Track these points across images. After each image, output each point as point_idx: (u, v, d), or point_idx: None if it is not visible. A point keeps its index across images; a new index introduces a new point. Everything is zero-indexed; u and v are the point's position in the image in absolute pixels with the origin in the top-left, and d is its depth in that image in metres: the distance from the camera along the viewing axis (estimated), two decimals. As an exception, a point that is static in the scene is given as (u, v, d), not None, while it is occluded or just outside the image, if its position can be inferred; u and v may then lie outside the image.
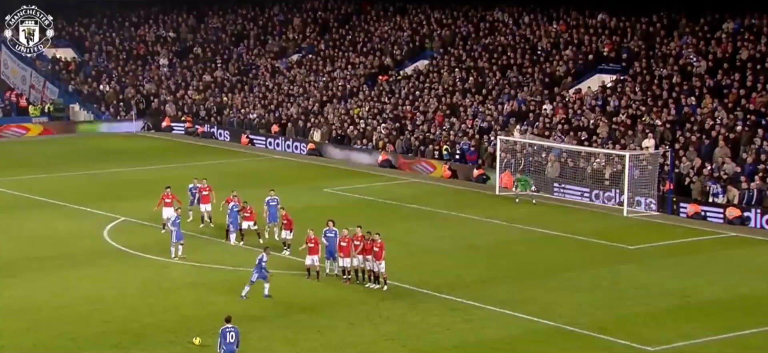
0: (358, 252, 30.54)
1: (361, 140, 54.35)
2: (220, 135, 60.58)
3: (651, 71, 50.05)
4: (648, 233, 38.77)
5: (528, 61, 55.46)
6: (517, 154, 46.45)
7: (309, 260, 30.81)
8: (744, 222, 39.58)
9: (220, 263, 32.84)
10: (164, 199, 36.01)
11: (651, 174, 42.14)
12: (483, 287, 30.78)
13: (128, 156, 54.74)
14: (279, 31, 70.10)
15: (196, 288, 30.39)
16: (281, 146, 57.28)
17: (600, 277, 32.28)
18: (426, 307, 28.81)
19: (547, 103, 51.22)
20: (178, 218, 33.58)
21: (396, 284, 30.81)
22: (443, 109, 54.16)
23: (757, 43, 48.71)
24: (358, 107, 57.51)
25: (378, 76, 60.59)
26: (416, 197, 43.38)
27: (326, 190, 44.69)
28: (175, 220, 33.48)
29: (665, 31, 52.75)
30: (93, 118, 64.36)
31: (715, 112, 45.03)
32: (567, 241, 37.26)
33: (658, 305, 29.50)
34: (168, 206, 35.82)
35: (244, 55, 68.88)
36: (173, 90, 66.06)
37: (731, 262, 34.74)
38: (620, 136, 46.06)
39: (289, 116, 59.07)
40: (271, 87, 63.43)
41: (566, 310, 28.78)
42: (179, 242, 33.32)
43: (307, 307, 28.85)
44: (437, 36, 61.76)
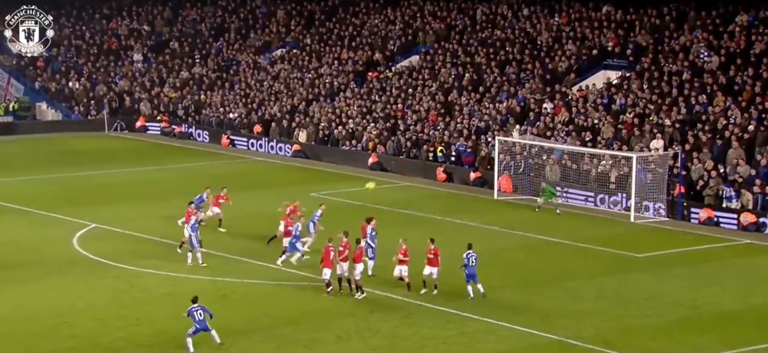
0: (341, 260, 30.52)
1: (349, 140, 54.37)
2: (198, 136, 60.53)
3: (659, 67, 50.17)
4: (657, 240, 38.84)
5: (528, 56, 55.55)
6: (517, 156, 46.51)
7: (327, 273, 30.55)
8: (759, 228, 39.69)
9: (197, 273, 32.76)
10: (190, 215, 35.01)
11: (660, 177, 42.22)
12: (477, 299, 30.73)
13: (99, 158, 54.64)
14: (261, 25, 70.09)
15: (172, 299, 30.30)
16: (264, 147, 57.24)
17: (605, 287, 32.33)
18: (419, 319, 28.79)
19: (548, 101, 51.30)
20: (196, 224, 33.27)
21: (387, 295, 30.80)
22: (437, 108, 54.21)
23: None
24: (346, 106, 57.52)
25: (367, 72, 60.61)
26: (409, 202, 43.40)
27: (313, 194, 44.67)
28: (194, 225, 33.23)
29: (674, 25, 52.89)
30: (61, 117, 64.22)
31: (728, 111, 45.15)
32: (570, 248, 37.30)
33: (667, 316, 29.54)
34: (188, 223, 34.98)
35: (224, 50, 68.84)
36: (148, 87, 65.99)
37: (745, 271, 34.82)
38: (627, 136, 46.14)
39: (273, 115, 59.05)
40: (253, 84, 63.41)
41: (569, 322, 28.80)
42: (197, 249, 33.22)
43: (293, 319, 28.82)
44: (431, 29, 61.81)
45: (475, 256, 30.59)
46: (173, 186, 47.74)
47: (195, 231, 33.42)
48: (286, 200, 36.50)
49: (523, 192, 45.68)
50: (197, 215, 33.95)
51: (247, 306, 29.87)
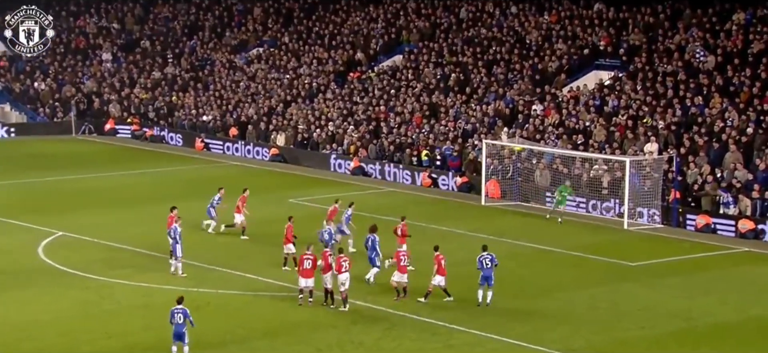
0: (323, 272, 30.50)
1: (330, 144, 54.36)
2: (171, 139, 60.41)
3: (653, 68, 50.37)
4: (651, 248, 38.96)
5: (516, 56, 55.68)
6: (505, 160, 46.60)
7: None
8: (758, 236, 39.88)
9: (169, 284, 32.68)
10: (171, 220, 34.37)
11: (654, 182, 42.38)
12: (466, 308, 30.78)
13: (66, 163, 54.43)
14: (237, 23, 70.01)
15: (144, 311, 30.20)
16: (240, 151, 57.16)
17: (597, 297, 32.40)
18: (402, 331, 28.79)
19: (537, 103, 51.42)
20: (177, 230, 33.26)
21: (370, 306, 30.79)
22: (422, 110, 54.26)
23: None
24: (326, 108, 57.51)
25: (348, 72, 60.62)
26: (392, 208, 43.38)
27: (291, 200, 44.60)
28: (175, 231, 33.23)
29: (669, 23, 53.12)
30: (26, 119, 63.94)
31: (725, 113, 45.37)
32: (560, 257, 37.38)
33: (662, 328, 29.63)
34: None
35: (197, 49, 68.72)
36: (118, 88, 65.81)
37: (744, 280, 34.98)
38: (620, 139, 46.30)
39: (249, 117, 58.99)
40: (228, 85, 63.32)
41: (559, 334, 28.85)
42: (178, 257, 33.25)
43: (270, 331, 28.77)
44: (414, 28, 61.89)
45: (490, 257, 30.77)
46: (145, 192, 47.62)
47: (178, 240, 33.25)
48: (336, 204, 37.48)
49: (512, 198, 45.78)
50: (179, 222, 33.78)
51: (222, 318, 29.80)
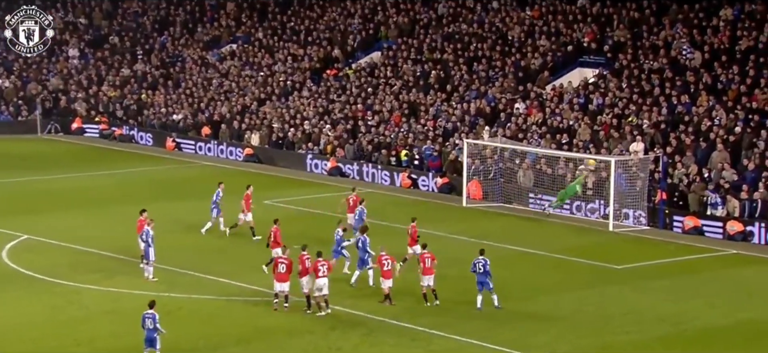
0: (300, 275, 30.34)
1: (306, 144, 54.18)
2: (141, 138, 60.12)
3: (639, 65, 50.46)
4: (637, 250, 39.01)
5: (498, 53, 55.67)
6: (488, 160, 46.55)
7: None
8: (746, 238, 39.96)
9: (139, 288, 32.45)
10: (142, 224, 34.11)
11: (640, 183, 42.40)
12: (447, 313, 30.71)
13: (32, 163, 54.05)
14: (210, 18, 69.73)
15: (113, 317, 30.00)
16: (213, 150, 56.91)
17: (582, 301, 32.39)
18: (381, 337, 28.70)
19: (520, 101, 51.42)
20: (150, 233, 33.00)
21: (347, 310, 30.65)
22: (401, 108, 54.15)
23: (758, 32, 49.29)
24: (302, 106, 57.32)
25: (325, 70, 60.46)
26: (370, 210, 43.15)
27: (266, 202, 44.43)
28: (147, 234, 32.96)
29: (654, 19, 53.21)
30: (-10, 118, 63.53)
31: (713, 111, 45.48)
32: (544, 260, 37.37)
33: (649, 333, 29.63)
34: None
35: (168, 45, 68.40)
36: (85, 86, 65.42)
37: (732, 283, 35.07)
38: (605, 139, 46.32)
39: (222, 116, 58.73)
40: (200, 83, 63.04)
41: (544, 339, 28.81)
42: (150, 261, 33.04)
43: (244, 338, 28.61)
44: (393, 24, 61.78)
45: (483, 261, 30.83)
46: (113, 193, 47.34)
47: (150, 243, 33.00)
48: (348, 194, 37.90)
49: (494, 199, 45.73)
50: (151, 225, 33.49)
51: (194, 323, 29.61)
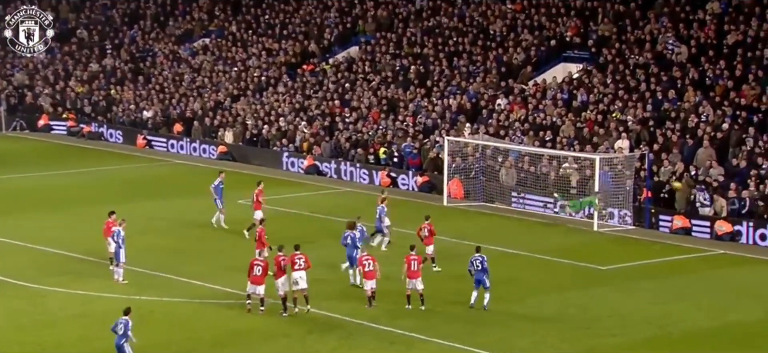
0: (276, 277, 30.39)
1: (281, 141, 54.17)
2: (110, 136, 59.94)
3: (624, 59, 50.68)
4: (622, 250, 39.20)
5: (479, 47, 55.80)
6: (469, 157, 46.67)
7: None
8: (734, 237, 40.19)
9: (108, 291, 32.40)
10: (110, 226, 33.81)
11: (625, 181, 42.59)
12: (428, 316, 30.79)
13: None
14: (181, 11, 69.57)
15: (81, 321, 29.93)
16: (186, 148, 56.81)
17: (566, 303, 32.53)
18: (360, 341, 28.75)
19: (502, 97, 51.57)
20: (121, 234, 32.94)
21: (325, 313, 30.70)
22: (379, 104, 54.21)
23: (746, 26, 49.58)
24: (277, 102, 57.30)
25: (301, 65, 60.44)
26: (348, 210, 43.24)
27: (240, 202, 44.39)
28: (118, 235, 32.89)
29: (639, 12, 53.43)
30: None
31: (700, 107, 45.74)
32: (527, 260, 37.50)
33: (635, 335, 29.79)
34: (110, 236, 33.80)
35: (138, 39, 68.21)
36: (52, 81, 65.16)
37: (720, 285, 35.28)
38: (589, 136, 46.52)
39: (195, 112, 58.63)
40: (171, 78, 62.91)
41: (527, 342, 28.93)
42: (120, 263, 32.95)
43: (218, 342, 28.62)
44: (371, 17, 61.83)
45: (481, 259, 31.10)
46: (81, 193, 47.20)
47: (121, 244, 32.95)
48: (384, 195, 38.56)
49: (476, 198, 45.85)
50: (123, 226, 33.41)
51: (166, 327, 29.60)
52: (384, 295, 31.45)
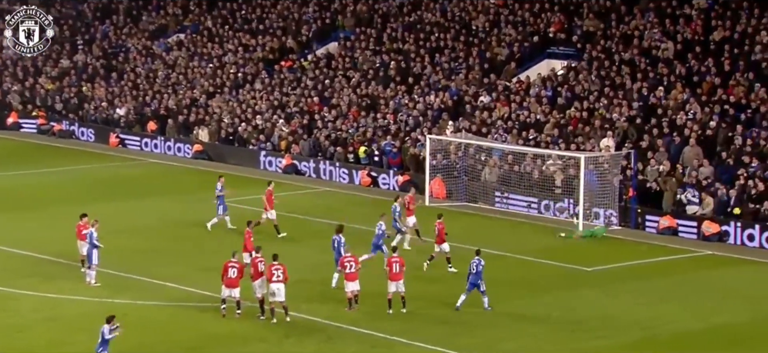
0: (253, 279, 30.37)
1: (256, 138, 54.08)
2: (82, 134, 59.75)
3: (609, 56, 50.79)
4: (608, 251, 39.29)
5: (461, 43, 55.84)
6: (451, 156, 46.70)
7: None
8: (722, 238, 40.33)
9: (79, 294, 32.29)
10: (81, 229, 33.93)
11: (611, 180, 42.69)
12: (410, 319, 30.81)
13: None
14: (155, 6, 69.38)
15: (51, 325, 29.83)
16: (160, 147, 56.67)
17: (551, 305, 32.59)
18: (340, 345, 28.74)
19: (485, 94, 51.62)
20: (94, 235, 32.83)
21: (304, 316, 30.68)
22: (359, 102, 54.19)
23: (734, 21, 49.76)
24: (254, 99, 57.20)
25: (278, 61, 60.36)
26: (329, 210, 43.32)
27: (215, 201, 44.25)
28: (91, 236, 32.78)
29: (625, 8, 53.54)
30: None
31: (687, 105, 45.89)
32: (511, 262, 37.56)
33: (621, 338, 29.88)
34: (82, 239, 33.94)
35: (110, 34, 67.98)
36: (21, 78, 64.89)
37: (707, 286, 35.41)
38: (573, 134, 46.61)
39: (169, 110, 58.49)
40: (145, 74, 62.73)
41: (511, 346, 28.99)
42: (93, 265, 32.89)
43: (193, 346, 28.59)
44: (351, 13, 61.80)
45: (477, 262, 31.27)
46: (52, 193, 47.07)
47: (95, 246, 32.82)
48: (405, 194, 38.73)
49: (458, 198, 45.88)
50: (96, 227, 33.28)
51: (140, 331, 29.46)
52: (364, 298, 31.43)
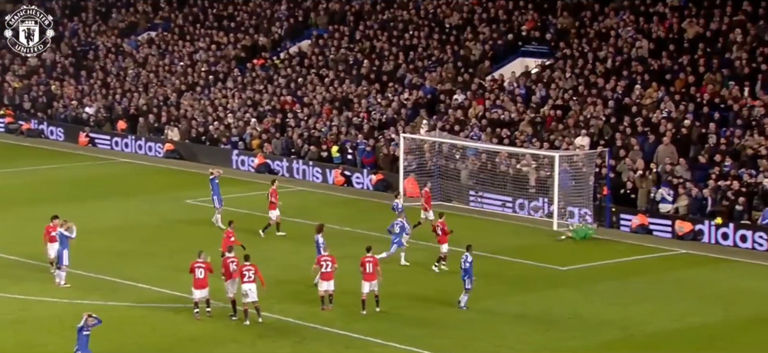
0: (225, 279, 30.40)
1: (227, 137, 54.02)
2: (51, 133, 59.50)
3: (583, 54, 51.02)
4: (583, 250, 39.47)
5: (435, 41, 55.95)
6: (426, 154, 46.78)
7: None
8: (696, 237, 40.59)
9: (49, 295, 32.20)
10: (49, 231, 33.79)
11: (585, 179, 42.88)
12: (383, 319, 30.89)
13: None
14: (125, 3, 69.16)
15: (20, 327, 29.75)
16: (130, 146, 56.51)
17: (525, 305, 32.74)
18: (314, 346, 28.78)
19: (459, 93, 51.75)
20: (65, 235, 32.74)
21: (277, 317, 30.70)
22: (332, 100, 54.22)
23: (707, 18, 50.08)
24: (225, 98, 57.12)
25: (250, 59, 60.31)
26: (301, 210, 43.31)
27: (189, 201, 44.27)
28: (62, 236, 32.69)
29: (598, 5, 53.77)
30: None
31: (661, 103, 46.16)
32: (485, 261, 37.58)
33: (595, 338, 30.05)
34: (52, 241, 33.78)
35: (79, 32, 67.73)
36: (-11, 76, 64.60)
37: (682, 285, 35.62)
38: (548, 132, 46.80)
39: (140, 108, 58.33)
40: (114, 73, 62.53)
41: (485, 346, 29.09)
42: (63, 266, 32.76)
43: (165, 348, 28.59)
44: (323, 10, 61.81)
45: (464, 257, 31.68)
46: (20, 193, 46.87)
47: (66, 244, 32.71)
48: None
49: (432, 196, 45.90)
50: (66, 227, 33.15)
51: (111, 333, 29.35)
52: (338, 298, 31.47)
